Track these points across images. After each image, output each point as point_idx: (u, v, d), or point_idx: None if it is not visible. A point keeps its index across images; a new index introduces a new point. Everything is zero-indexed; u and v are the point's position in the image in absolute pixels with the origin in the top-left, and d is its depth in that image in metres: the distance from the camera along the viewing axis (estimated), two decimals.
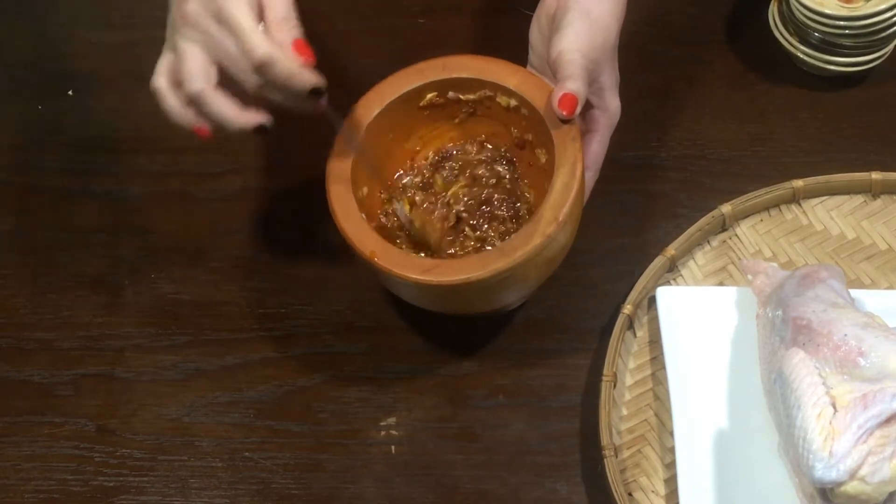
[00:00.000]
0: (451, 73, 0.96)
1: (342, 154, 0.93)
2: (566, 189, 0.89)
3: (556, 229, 0.88)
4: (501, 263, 0.87)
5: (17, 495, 0.93)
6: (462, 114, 0.98)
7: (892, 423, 0.83)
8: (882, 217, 1.06)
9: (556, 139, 0.91)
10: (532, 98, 0.94)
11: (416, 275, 0.87)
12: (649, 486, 0.93)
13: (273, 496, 0.93)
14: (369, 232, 0.90)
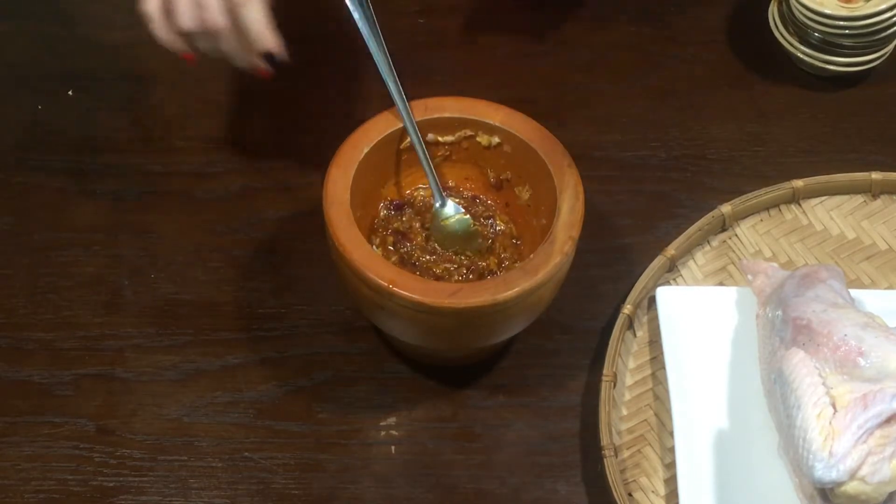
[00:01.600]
0: (432, 114, 0.95)
1: (340, 190, 0.91)
2: (573, 211, 0.90)
3: (572, 247, 0.89)
4: (527, 283, 0.87)
5: (17, 495, 0.93)
6: (438, 158, 0.97)
7: (892, 423, 0.83)
8: (882, 217, 1.06)
9: (553, 167, 0.92)
10: (521, 132, 0.94)
11: (442, 299, 0.85)
12: (649, 486, 0.93)
13: (273, 496, 0.93)
14: (382, 261, 0.88)
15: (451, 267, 0.96)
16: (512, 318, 0.91)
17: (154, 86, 1.13)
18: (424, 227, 0.97)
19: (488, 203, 0.99)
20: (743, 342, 0.97)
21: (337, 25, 1.19)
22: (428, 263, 0.96)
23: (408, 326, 0.91)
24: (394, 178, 0.98)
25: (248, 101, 1.14)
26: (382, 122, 0.94)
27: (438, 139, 0.97)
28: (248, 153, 1.10)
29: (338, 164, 0.92)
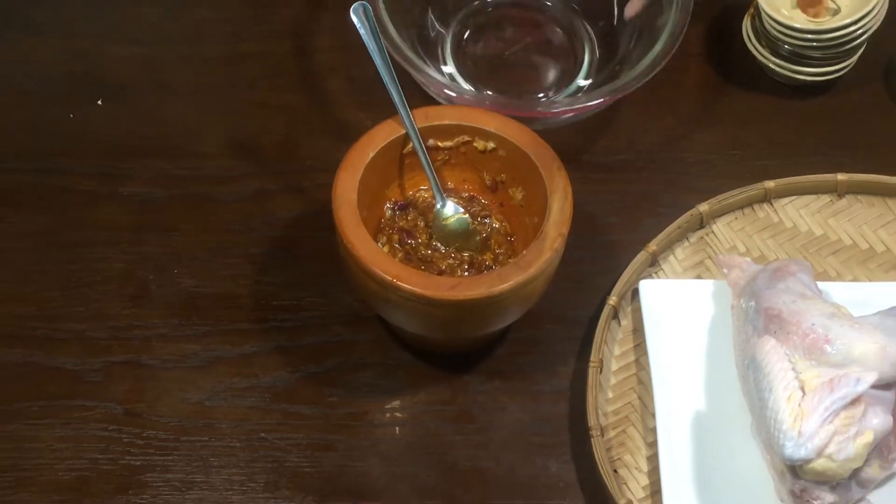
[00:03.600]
0: (433, 121, 0.95)
1: (348, 191, 0.91)
2: (562, 210, 0.90)
3: (562, 243, 0.89)
4: (520, 276, 0.87)
5: (52, 473, 0.93)
6: (438, 162, 0.97)
7: (857, 405, 0.83)
8: (847, 215, 1.06)
9: (544, 170, 0.92)
10: (514, 138, 0.94)
11: (443, 292, 0.86)
12: (633, 463, 0.93)
13: (287, 473, 0.93)
14: (387, 257, 0.89)
15: (452, 262, 0.96)
16: (506, 309, 0.91)
17: (176, 96, 1.13)
18: (427, 226, 0.97)
19: (485, 203, 0.99)
20: (719, 331, 0.97)
21: (345, 40, 1.19)
22: (431, 259, 0.96)
23: (411, 317, 0.91)
24: (398, 180, 0.98)
25: (262, 111, 1.14)
26: (387, 129, 0.94)
27: (438, 144, 0.96)
28: (263, 158, 1.10)
29: (346, 168, 0.92)
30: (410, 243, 0.96)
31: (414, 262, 0.95)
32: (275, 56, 1.18)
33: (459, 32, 1.15)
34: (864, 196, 1.06)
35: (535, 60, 1.15)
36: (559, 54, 1.14)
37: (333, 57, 1.17)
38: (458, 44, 1.14)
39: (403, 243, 0.96)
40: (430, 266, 0.95)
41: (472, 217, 0.98)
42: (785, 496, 0.87)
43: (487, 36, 1.16)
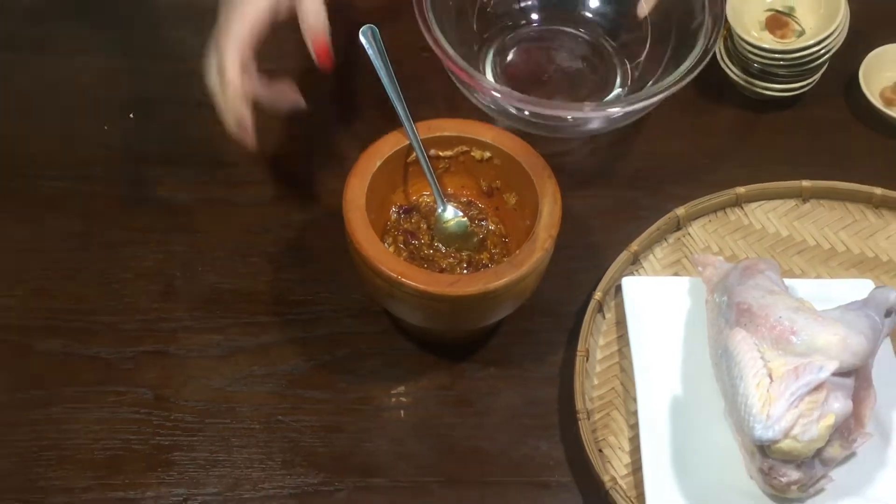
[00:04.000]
0: (434, 133, 0.95)
1: (358, 193, 0.91)
2: (552, 214, 0.90)
3: (552, 244, 0.89)
4: (514, 274, 0.87)
5: (88, 452, 0.93)
6: (440, 169, 0.97)
7: (820, 390, 0.84)
8: (811, 218, 1.06)
9: (535, 177, 0.92)
10: (509, 148, 0.94)
11: (443, 288, 0.86)
12: (616, 443, 0.93)
13: (302, 452, 0.93)
14: (393, 256, 0.89)
15: (452, 261, 0.96)
16: (501, 304, 0.91)
17: (201, 109, 1.12)
18: (429, 228, 0.97)
19: (481, 207, 0.99)
20: (694, 323, 0.97)
21: (356, 57, 1.19)
22: (433, 258, 0.96)
23: (414, 311, 0.91)
24: (403, 186, 0.98)
25: (279, 122, 1.14)
26: (392, 139, 0.95)
27: (439, 154, 0.97)
28: (280, 166, 1.10)
29: (355, 175, 0.92)
30: (414, 244, 0.96)
31: (417, 260, 0.95)
32: (292, 72, 1.18)
33: (497, 55, 1.14)
34: (826, 201, 1.06)
35: (568, 84, 1.13)
36: (591, 79, 1.13)
37: (346, 72, 1.17)
38: (496, 66, 1.13)
39: (408, 243, 0.96)
40: (431, 264, 0.95)
41: (470, 220, 0.98)
42: (755, 473, 0.87)
43: (523, 58, 1.15)
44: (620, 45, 1.14)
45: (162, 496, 0.91)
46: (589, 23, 1.16)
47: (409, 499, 0.91)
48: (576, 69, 1.13)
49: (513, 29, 1.15)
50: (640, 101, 1.00)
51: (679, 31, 1.07)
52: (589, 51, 1.14)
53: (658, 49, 1.09)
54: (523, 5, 1.16)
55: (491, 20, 1.14)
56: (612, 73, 1.13)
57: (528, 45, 1.15)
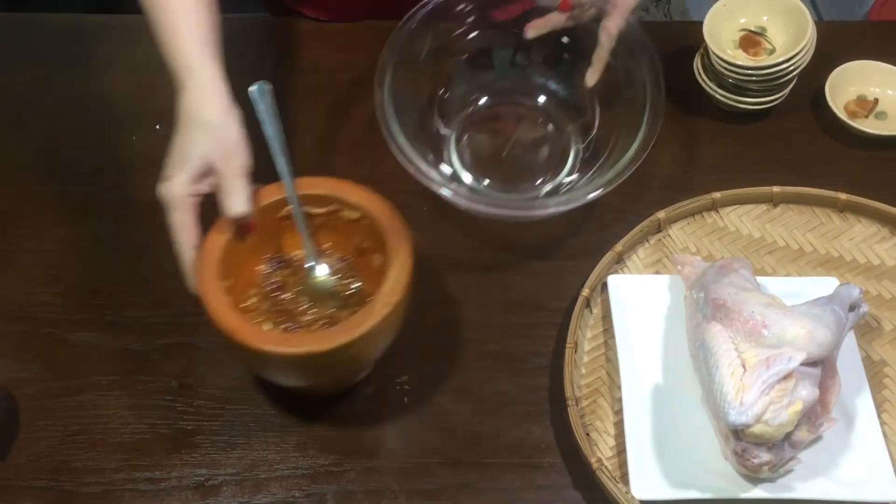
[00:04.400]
0: (308, 190, 0.90)
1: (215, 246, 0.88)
2: (396, 280, 0.85)
3: (389, 311, 0.84)
4: (344, 337, 0.82)
5: (118, 436, 0.93)
6: (316, 225, 0.93)
7: (789, 379, 0.83)
8: (781, 221, 1.06)
9: (391, 242, 0.87)
10: (371, 211, 0.89)
11: (269, 346, 0.82)
12: (602, 427, 0.93)
13: (315, 436, 0.93)
14: (231, 311, 0.84)
15: (312, 317, 0.91)
16: (336, 366, 0.87)
17: None
18: (299, 282, 0.93)
19: (352, 265, 0.94)
20: (674, 317, 0.97)
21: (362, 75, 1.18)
22: (294, 312, 0.92)
23: (247, 363, 0.88)
24: (278, 238, 0.94)
25: (292, 133, 1.13)
26: (268, 193, 0.90)
27: (314, 210, 0.92)
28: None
29: (217, 226, 0.88)
30: (279, 296, 0.92)
31: (277, 313, 0.91)
32: (304, 88, 1.18)
33: (461, 130, 1.09)
34: (795, 205, 1.06)
35: (526, 161, 1.08)
36: (547, 153, 1.08)
37: (352, 89, 1.17)
38: (460, 139, 1.09)
39: (272, 296, 0.92)
40: (292, 318, 0.91)
41: (340, 277, 0.93)
42: (729, 455, 0.87)
43: (486, 131, 1.10)
44: (573, 118, 1.09)
45: (185, 476, 0.91)
46: (544, 98, 1.10)
47: (411, 478, 0.91)
48: (532, 144, 1.09)
49: (472, 106, 1.10)
50: (578, 201, 0.95)
51: (625, 106, 1.02)
52: (544, 125, 1.10)
53: (608, 122, 1.05)
54: (480, 83, 1.10)
55: (450, 103, 1.09)
56: (567, 147, 1.08)
57: (488, 123, 1.10)
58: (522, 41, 1.05)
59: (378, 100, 0.97)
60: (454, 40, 1.07)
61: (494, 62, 1.09)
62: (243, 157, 0.87)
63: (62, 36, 1.22)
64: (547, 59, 1.09)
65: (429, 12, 1.02)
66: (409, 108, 1.01)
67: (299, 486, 0.91)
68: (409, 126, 0.99)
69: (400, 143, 0.96)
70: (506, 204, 1.02)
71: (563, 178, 1.04)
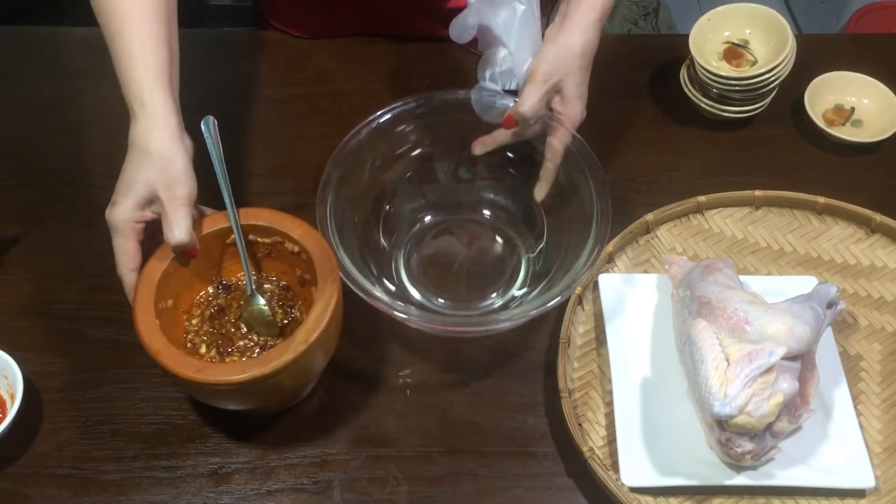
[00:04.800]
0: (251, 220, 0.90)
1: (155, 269, 0.87)
2: (318, 319, 0.83)
3: (306, 349, 0.82)
4: (258, 371, 0.81)
5: (136, 426, 0.93)
6: (261, 253, 0.92)
7: (770, 372, 0.83)
8: (762, 223, 1.06)
9: (320, 280, 0.86)
10: (309, 247, 0.88)
11: (188, 372, 0.81)
12: (594, 418, 0.93)
13: (322, 426, 0.93)
14: (159, 334, 0.84)
15: (247, 343, 0.90)
16: (253, 395, 0.86)
17: (232, 129, 1.13)
18: (239, 308, 0.93)
19: (293, 295, 0.93)
20: (661, 314, 0.97)
21: (367, 86, 1.18)
22: (232, 335, 0.91)
23: (176, 383, 0.86)
24: (226, 263, 0.93)
25: (300, 141, 1.13)
26: (214, 220, 0.90)
27: (258, 240, 0.92)
28: (300, 178, 1.09)
29: (162, 248, 0.88)
30: (219, 319, 0.92)
31: (215, 335, 0.91)
32: (312, 98, 1.18)
33: (408, 247, 1.04)
34: (775, 208, 1.06)
35: (476, 273, 1.03)
36: (497, 265, 1.03)
37: (358, 98, 1.17)
38: (408, 256, 1.03)
39: (213, 318, 0.92)
40: (227, 341, 0.90)
41: (281, 306, 0.92)
42: (714, 444, 0.87)
43: (434, 247, 1.04)
44: (521, 231, 1.04)
45: (200, 464, 0.91)
46: (489, 211, 1.05)
47: (414, 466, 0.91)
48: (482, 259, 1.03)
49: (418, 223, 1.05)
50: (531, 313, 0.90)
51: (573, 216, 0.97)
52: (493, 239, 1.04)
53: (556, 233, 1.00)
54: (425, 199, 1.05)
55: (395, 217, 1.04)
56: (518, 259, 1.02)
57: (435, 239, 1.05)
58: (466, 156, 1.01)
59: (320, 214, 0.92)
60: (397, 158, 1.02)
61: (439, 177, 1.04)
62: (187, 186, 0.86)
63: (84, 47, 1.22)
64: (492, 173, 1.03)
65: (373, 129, 0.98)
66: (352, 223, 0.97)
67: (307, 474, 0.91)
68: (352, 241, 0.95)
69: (346, 266, 0.90)
70: (458, 323, 0.97)
71: (515, 290, 0.99)
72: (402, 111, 1.00)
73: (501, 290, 1.00)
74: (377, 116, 0.99)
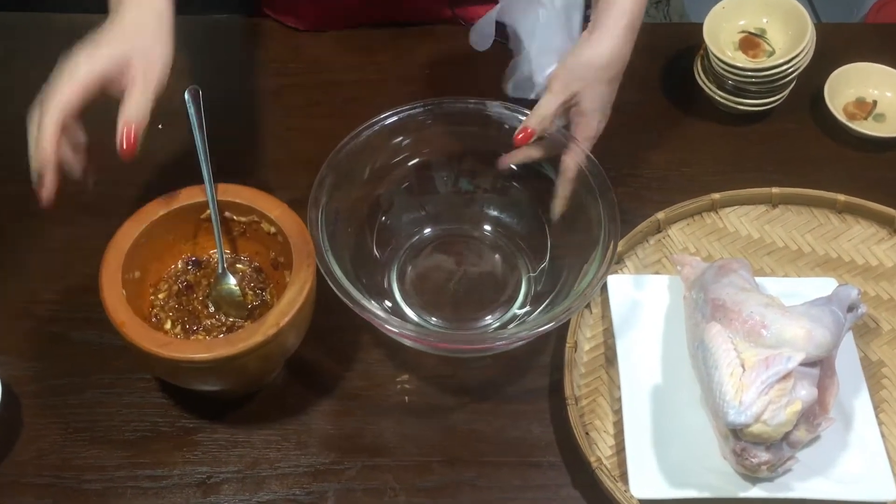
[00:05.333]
0: (228, 197, 0.91)
1: (125, 237, 0.88)
2: (291, 303, 0.84)
3: (276, 332, 0.83)
4: (224, 350, 0.82)
5: (120, 433, 0.93)
6: (235, 232, 0.93)
7: (787, 379, 0.83)
8: (780, 222, 1.05)
9: (296, 262, 0.86)
10: (286, 228, 0.89)
11: (152, 347, 0.82)
12: (602, 426, 0.93)
13: (315, 434, 0.93)
14: (124, 304, 0.84)
15: (214, 322, 0.91)
16: (214, 376, 0.86)
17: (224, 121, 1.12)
18: (208, 286, 0.93)
19: (266, 277, 0.94)
20: (673, 317, 0.97)
21: (365, 75, 1.18)
22: (198, 314, 0.92)
23: (137, 359, 0.87)
24: (200, 238, 0.94)
25: (294, 133, 1.13)
26: (188, 193, 0.91)
27: (234, 218, 0.92)
28: (295, 173, 1.08)
29: (133, 218, 0.89)
30: (187, 296, 0.92)
31: (181, 312, 0.92)
32: (305, 88, 1.17)
33: (403, 261, 1.02)
34: (793, 206, 1.06)
35: (476, 286, 1.02)
36: (496, 283, 1.01)
37: (355, 89, 1.17)
38: (404, 272, 1.02)
39: (181, 294, 0.92)
40: (193, 319, 0.91)
41: (252, 288, 0.93)
42: (728, 454, 0.86)
43: (430, 263, 1.03)
44: (522, 248, 1.02)
45: (187, 474, 0.91)
46: (490, 226, 1.04)
47: (411, 476, 0.91)
48: (481, 276, 1.02)
49: (416, 236, 1.04)
50: (531, 332, 0.89)
51: (579, 236, 0.95)
52: (492, 255, 1.03)
53: (560, 252, 0.99)
54: (423, 211, 1.04)
55: (390, 230, 1.03)
56: (518, 277, 1.01)
57: (432, 253, 1.03)
58: (468, 166, 1.01)
59: (312, 219, 0.91)
60: (397, 165, 1.01)
61: (439, 188, 1.03)
62: (161, 69, 0.85)
63: (63, 35, 1.21)
64: (494, 186, 1.02)
65: (373, 133, 0.97)
66: (345, 231, 0.97)
67: (300, 485, 0.90)
68: (343, 249, 0.94)
69: (337, 277, 0.88)
70: (453, 339, 0.96)
71: (515, 309, 0.98)
72: (407, 116, 0.99)
73: (499, 310, 0.99)
74: (380, 119, 0.98)
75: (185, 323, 0.91)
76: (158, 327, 0.91)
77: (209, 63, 1.20)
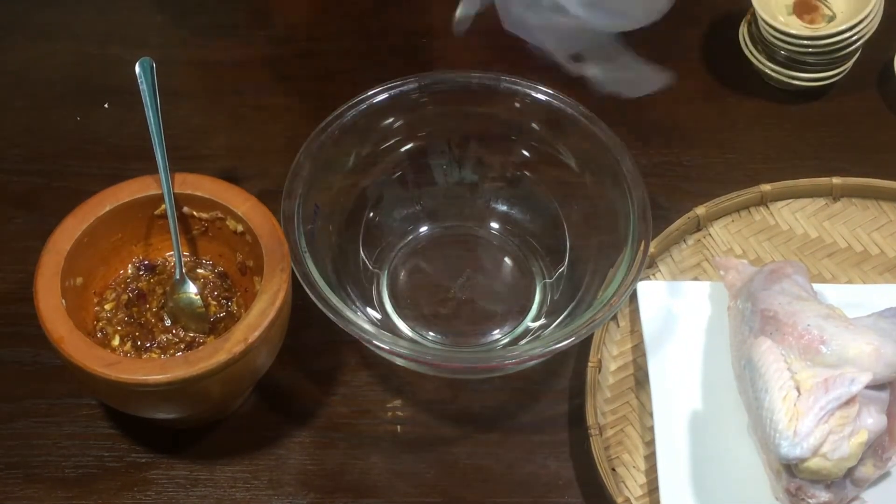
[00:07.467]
0: (187, 189, 0.90)
1: (65, 236, 0.88)
2: (262, 315, 0.84)
3: (244, 350, 0.83)
4: (182, 371, 0.81)
5: (59, 470, 0.93)
6: (195, 231, 0.93)
7: (851, 405, 0.83)
8: (842, 218, 1.06)
9: (267, 268, 0.86)
10: (256, 226, 0.89)
11: (96, 367, 0.81)
12: (631, 461, 0.93)
13: (290, 470, 0.93)
14: (64, 316, 0.84)
15: (170, 338, 0.92)
16: (170, 402, 0.86)
17: (180, 100, 1.13)
18: (163, 295, 0.93)
19: (230, 285, 0.94)
20: (715, 331, 0.97)
21: (347, 46, 1.19)
22: (152, 327, 0.92)
23: (77, 380, 0.87)
24: (152, 239, 0.94)
25: (264, 114, 1.14)
26: (140, 185, 0.91)
27: (194, 214, 0.92)
28: (266, 160, 1.10)
29: (74, 214, 0.89)
30: (138, 307, 0.92)
31: (132, 325, 0.92)
32: (279, 61, 1.18)
33: (396, 266, 1.03)
34: (858, 199, 1.06)
35: (482, 295, 1.01)
36: (506, 295, 1.02)
37: (334, 61, 1.17)
38: (395, 278, 1.02)
39: (131, 304, 0.93)
40: (146, 333, 0.91)
41: (216, 297, 0.93)
42: (781, 495, 0.87)
43: (427, 268, 1.03)
44: (536, 250, 1.03)
45: None
46: (498, 223, 1.04)
47: None
48: (487, 283, 1.02)
49: (409, 235, 1.03)
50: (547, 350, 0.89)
51: (603, 237, 0.96)
52: (501, 259, 1.03)
53: (581, 256, 0.99)
54: (418, 205, 1.03)
55: (380, 229, 1.03)
56: (531, 285, 1.01)
57: (431, 254, 1.03)
58: (470, 153, 1.01)
59: (287, 215, 0.91)
60: (387, 151, 1.01)
61: (437, 178, 1.03)
62: None
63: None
64: (503, 175, 1.02)
65: (359, 113, 0.97)
66: (326, 231, 0.97)
67: None
68: (324, 252, 0.94)
69: (316, 284, 0.89)
70: (458, 359, 0.95)
71: (528, 322, 0.98)
72: (399, 93, 0.99)
73: (509, 323, 1.00)
74: (367, 97, 0.98)
75: (136, 338, 0.92)
76: (104, 343, 0.91)
77: (164, 31, 1.21)
